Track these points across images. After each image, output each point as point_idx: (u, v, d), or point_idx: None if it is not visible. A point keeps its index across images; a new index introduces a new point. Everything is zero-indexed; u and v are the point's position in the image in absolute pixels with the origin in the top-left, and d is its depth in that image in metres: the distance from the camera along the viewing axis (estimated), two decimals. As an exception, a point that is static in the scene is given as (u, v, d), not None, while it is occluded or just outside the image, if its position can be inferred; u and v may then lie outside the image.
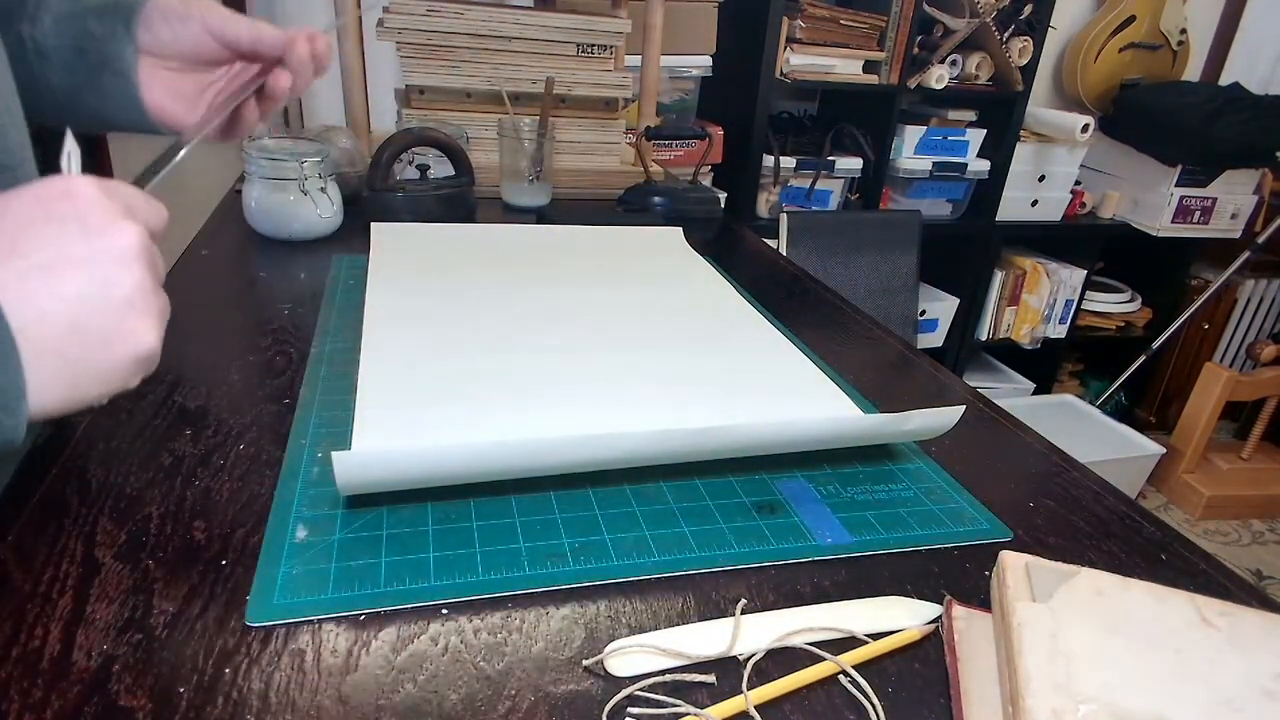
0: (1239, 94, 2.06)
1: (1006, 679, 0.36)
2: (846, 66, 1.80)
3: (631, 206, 1.10)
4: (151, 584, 0.39)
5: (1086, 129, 1.99)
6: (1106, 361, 2.48)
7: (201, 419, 0.53)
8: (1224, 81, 2.32)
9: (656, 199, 1.08)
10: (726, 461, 0.53)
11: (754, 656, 0.38)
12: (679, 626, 0.39)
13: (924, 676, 0.38)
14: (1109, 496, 0.55)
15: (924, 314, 2.09)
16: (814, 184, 1.90)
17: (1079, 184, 2.21)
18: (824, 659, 0.38)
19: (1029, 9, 1.88)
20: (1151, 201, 2.18)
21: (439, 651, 0.37)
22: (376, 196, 0.95)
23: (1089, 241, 2.23)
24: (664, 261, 0.90)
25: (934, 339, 2.17)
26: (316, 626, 0.37)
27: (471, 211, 1.02)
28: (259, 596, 0.38)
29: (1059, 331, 2.28)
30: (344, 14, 1.12)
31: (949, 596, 0.42)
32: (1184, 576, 0.47)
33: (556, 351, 0.65)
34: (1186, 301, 2.31)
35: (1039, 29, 1.89)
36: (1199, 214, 2.19)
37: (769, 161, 1.84)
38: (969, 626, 0.40)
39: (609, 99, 1.19)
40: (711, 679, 0.36)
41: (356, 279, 0.78)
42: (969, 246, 2.11)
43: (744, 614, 0.40)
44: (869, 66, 1.82)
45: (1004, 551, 0.42)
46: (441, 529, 0.44)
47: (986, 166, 2.00)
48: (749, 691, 0.35)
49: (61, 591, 0.38)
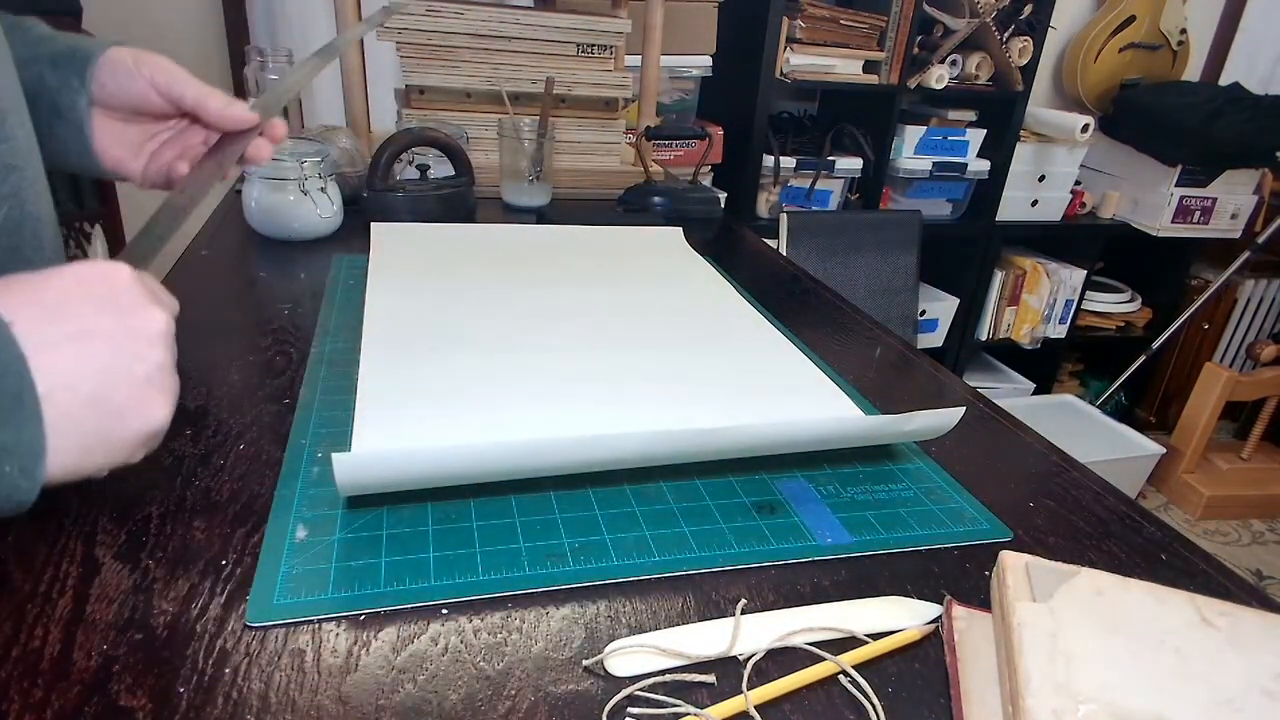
0: (1239, 94, 2.06)
1: (1006, 679, 0.36)
2: (846, 66, 1.80)
3: (631, 206, 1.10)
4: (151, 584, 0.39)
5: (1086, 129, 1.99)
6: (1106, 361, 2.48)
7: (201, 419, 0.53)
8: (1224, 81, 2.32)
9: (656, 199, 1.08)
10: (726, 461, 0.53)
11: (754, 656, 0.38)
12: (679, 626, 0.39)
13: (924, 676, 0.38)
14: (1109, 496, 0.55)
15: (924, 314, 2.09)
16: (814, 184, 1.90)
17: (1079, 184, 2.21)
18: (824, 659, 0.38)
19: (1029, 9, 1.88)
20: (1151, 201, 2.18)
21: (439, 651, 0.37)
22: (376, 196, 0.95)
23: (1089, 241, 2.23)
24: (664, 261, 0.90)
25: (934, 339, 2.17)
26: (316, 626, 0.37)
27: (471, 211, 1.02)
28: (259, 596, 0.38)
29: (1059, 331, 2.28)
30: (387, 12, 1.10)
31: (949, 596, 0.42)
32: (1184, 576, 0.47)
33: (556, 351, 0.65)
34: (1186, 301, 2.31)
35: (1039, 29, 1.89)
36: (1199, 214, 2.19)
37: (769, 161, 1.84)
38: (969, 626, 0.40)
39: (609, 99, 1.19)
40: (711, 679, 0.36)
41: (356, 279, 0.78)
42: (969, 246, 2.11)
43: (744, 614, 0.40)
44: (869, 66, 1.82)
45: (1004, 551, 0.42)
46: (441, 529, 0.44)
47: (986, 166, 2.00)
48: (749, 691, 0.35)
49: (61, 591, 0.38)
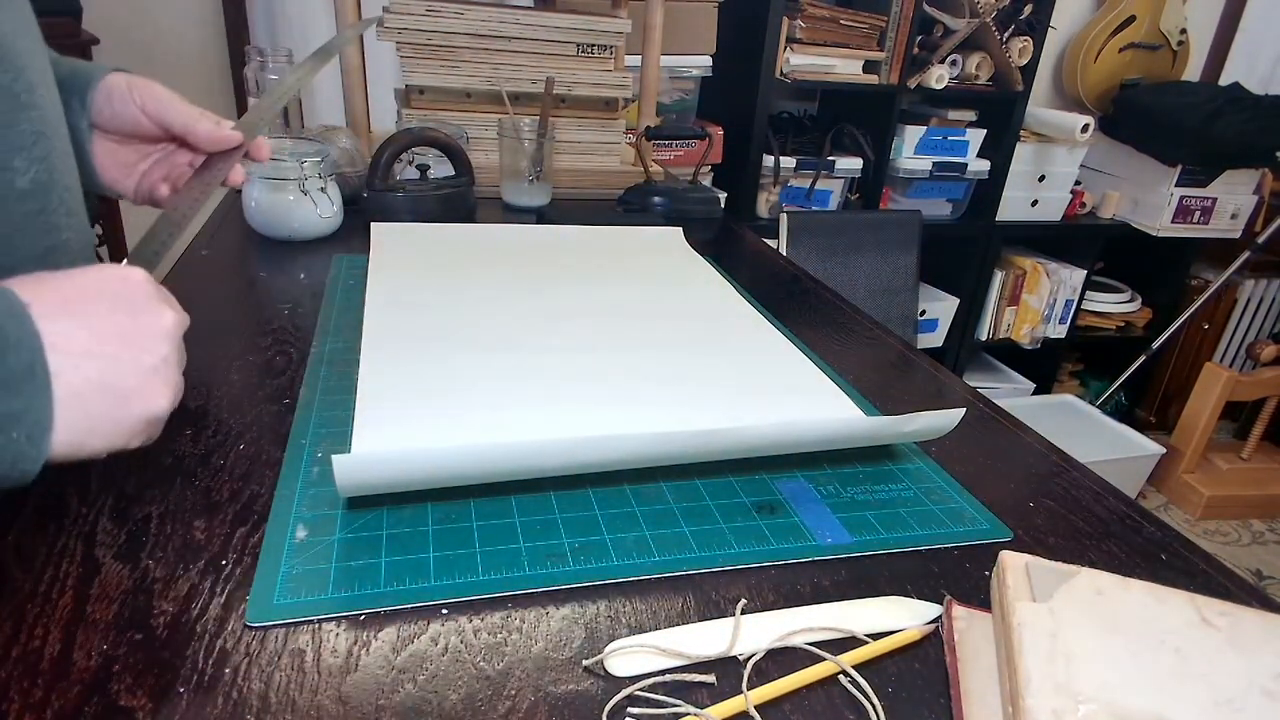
0: (1239, 94, 2.06)
1: (1006, 679, 0.36)
2: (846, 66, 1.80)
3: (631, 206, 1.10)
4: (151, 584, 0.39)
5: (1086, 129, 1.99)
6: (1106, 361, 2.48)
7: (201, 419, 0.53)
8: (1224, 81, 2.32)
9: (656, 199, 1.08)
10: (726, 461, 0.53)
11: (754, 656, 0.38)
12: (679, 626, 0.39)
13: (924, 676, 0.38)
14: (1109, 496, 0.55)
15: (924, 314, 2.09)
16: (814, 184, 1.90)
17: (1079, 184, 2.21)
18: (824, 659, 0.38)
19: (1029, 9, 1.88)
20: (1151, 201, 2.18)
21: (439, 651, 0.37)
22: (376, 196, 0.95)
23: (1089, 241, 2.23)
24: (664, 261, 0.90)
25: (934, 339, 2.17)
26: (316, 626, 0.37)
27: (471, 211, 1.02)
28: (259, 596, 0.38)
29: (1059, 331, 2.28)
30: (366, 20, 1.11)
31: (949, 596, 0.42)
32: (1184, 576, 0.47)
33: (556, 352, 0.65)
34: (1186, 301, 2.31)
35: (1039, 29, 1.89)
36: (1199, 214, 2.19)
37: (769, 161, 1.84)
38: (969, 626, 0.40)
39: (609, 99, 1.19)
40: (711, 679, 0.36)
41: (356, 279, 0.78)
42: (969, 246, 2.11)
43: (744, 614, 0.40)
44: (869, 66, 1.82)
45: (1004, 551, 0.42)
46: (441, 529, 0.44)
47: (986, 166, 2.00)
48: (749, 691, 0.35)
49: (61, 591, 0.38)
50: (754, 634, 0.39)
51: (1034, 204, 2.13)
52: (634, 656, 0.37)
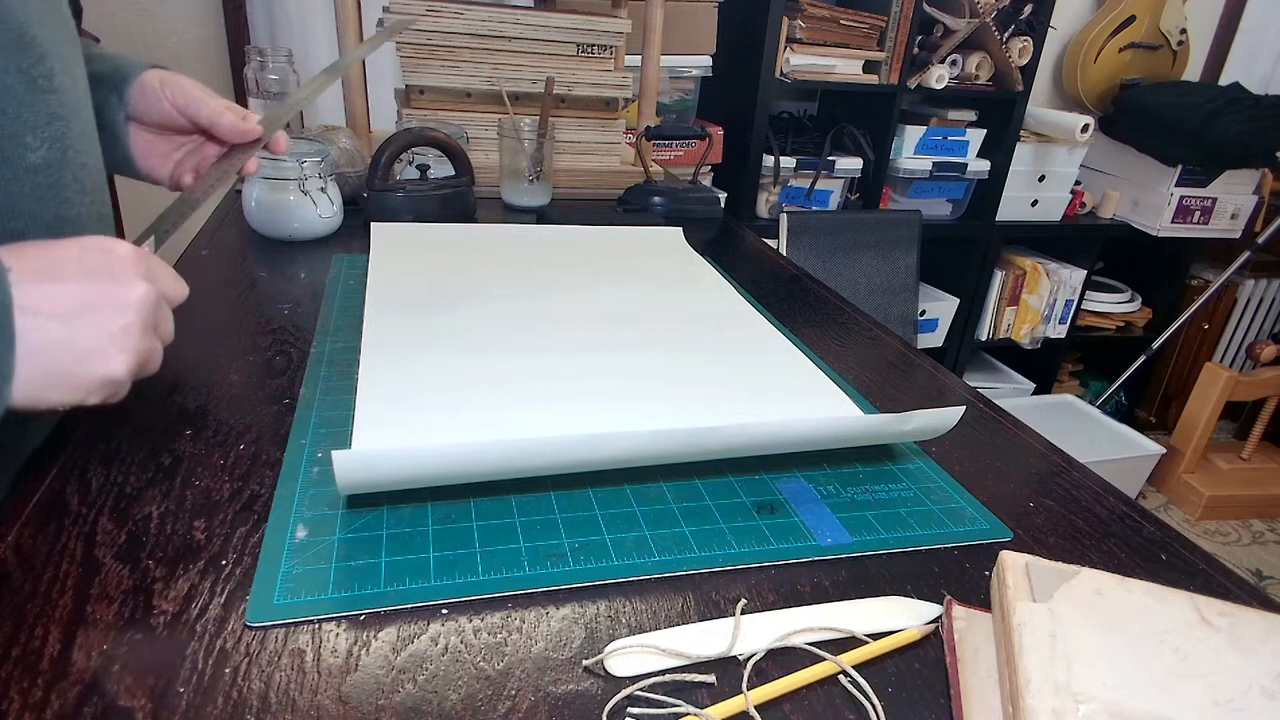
0: (1239, 94, 2.06)
1: (1006, 679, 0.36)
2: (846, 66, 1.80)
3: (631, 206, 1.10)
4: (151, 584, 0.39)
5: (1086, 129, 1.99)
6: (1106, 361, 2.48)
7: (201, 419, 0.53)
8: (1224, 81, 2.32)
9: (656, 199, 1.08)
10: (726, 461, 0.53)
11: (754, 656, 0.38)
12: (679, 626, 0.39)
13: (924, 676, 0.38)
14: (1109, 496, 0.55)
15: (924, 314, 2.09)
16: (814, 184, 1.90)
17: (1079, 184, 2.21)
18: (824, 659, 0.38)
19: (1029, 9, 1.88)
20: (1151, 201, 2.18)
21: (439, 651, 0.37)
22: (376, 196, 0.95)
23: (1089, 241, 2.23)
24: (664, 261, 0.90)
25: (934, 339, 2.17)
26: (316, 626, 0.37)
27: (471, 211, 1.02)
28: (259, 596, 0.38)
29: (1059, 331, 2.28)
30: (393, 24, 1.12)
31: (949, 596, 0.42)
32: (1184, 576, 0.47)
33: (556, 351, 0.65)
34: (1186, 301, 2.31)
35: (1039, 29, 1.89)
36: (1199, 214, 2.19)
37: (769, 161, 1.84)
38: (969, 626, 0.40)
39: (609, 99, 1.19)
40: (711, 679, 0.36)
41: (356, 279, 0.78)
42: (969, 246, 2.11)
43: (744, 614, 0.40)
44: (869, 66, 1.82)
45: (1004, 551, 0.42)
46: (441, 529, 0.44)
47: (986, 166, 2.00)
48: (749, 691, 0.35)
49: (61, 591, 0.38)
50: (754, 634, 0.39)
51: (1034, 204, 2.13)
52: (634, 656, 0.37)
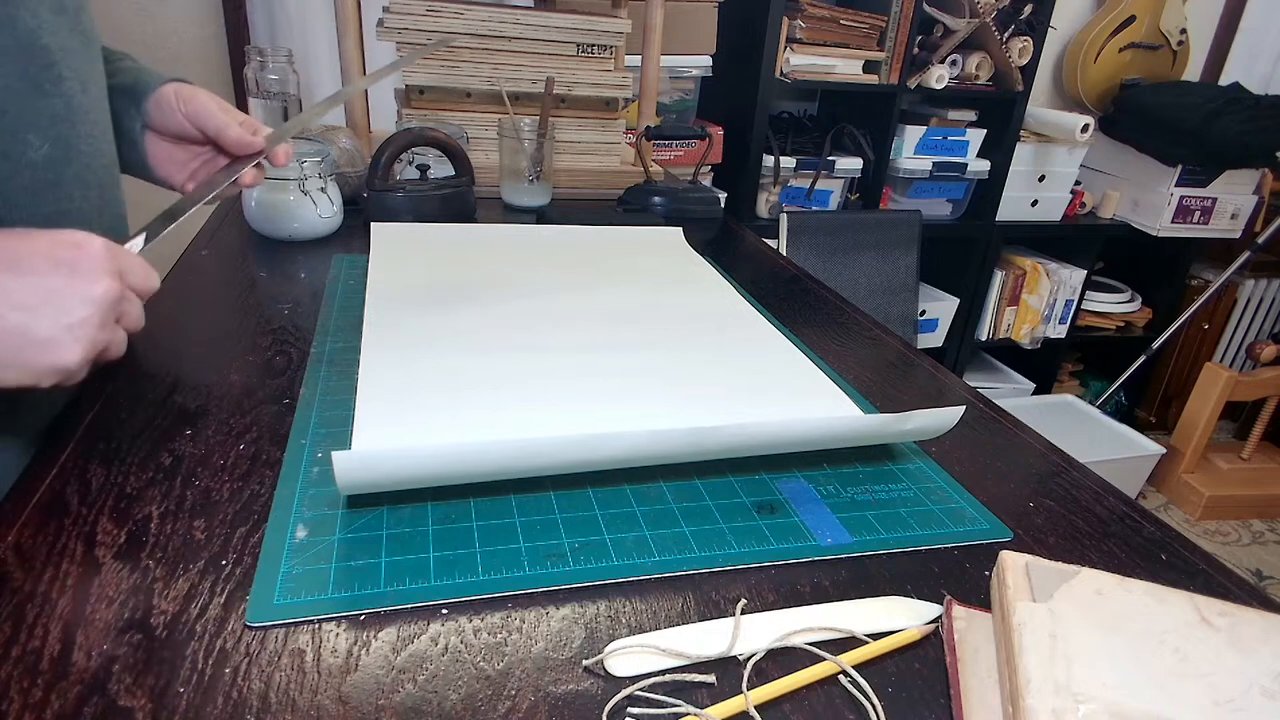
0: (1239, 94, 2.06)
1: (1006, 679, 0.36)
2: (846, 66, 1.80)
3: (631, 206, 1.10)
4: (151, 584, 0.39)
5: (1086, 129, 1.99)
6: (1106, 361, 2.48)
7: (201, 419, 0.53)
8: (1224, 81, 2.32)
9: (656, 199, 1.08)
10: (726, 461, 0.53)
11: (754, 656, 0.38)
12: (679, 626, 0.39)
13: (924, 676, 0.38)
14: (1109, 496, 0.55)
15: (924, 314, 2.09)
16: (814, 184, 1.90)
17: (1079, 184, 2.21)
18: (824, 659, 0.38)
19: (1029, 9, 1.88)
20: (1151, 201, 2.18)
21: (439, 651, 0.37)
22: (376, 196, 0.95)
23: (1089, 241, 2.23)
24: (664, 261, 0.90)
25: (934, 339, 2.17)
26: (316, 626, 0.37)
27: (471, 211, 1.02)
28: (259, 596, 0.38)
29: (1059, 331, 2.28)
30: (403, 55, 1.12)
31: (949, 596, 0.42)
32: (1184, 576, 0.47)
33: (556, 351, 0.65)
34: (1186, 301, 2.31)
35: (1039, 29, 1.89)
36: (1199, 214, 2.19)
37: (769, 161, 1.84)
38: (969, 626, 0.40)
39: (609, 99, 1.19)
40: (711, 679, 0.36)
41: (356, 279, 0.78)
42: (969, 246, 2.11)
43: (744, 614, 0.40)
44: (869, 66, 1.82)
45: (1004, 551, 0.42)
46: (441, 529, 0.44)
47: (986, 166, 2.00)
48: (749, 691, 0.35)
49: (61, 591, 0.38)
50: (754, 634, 0.39)
51: (1034, 204, 2.13)
52: (634, 656, 0.37)
